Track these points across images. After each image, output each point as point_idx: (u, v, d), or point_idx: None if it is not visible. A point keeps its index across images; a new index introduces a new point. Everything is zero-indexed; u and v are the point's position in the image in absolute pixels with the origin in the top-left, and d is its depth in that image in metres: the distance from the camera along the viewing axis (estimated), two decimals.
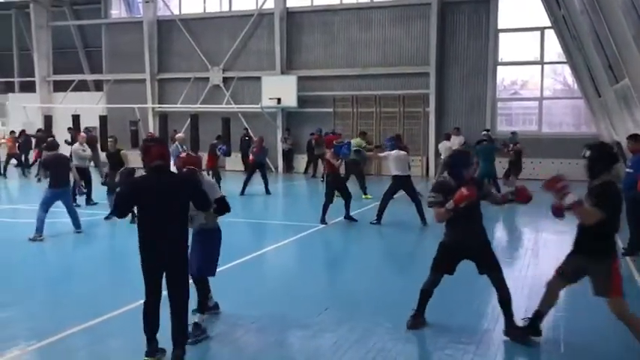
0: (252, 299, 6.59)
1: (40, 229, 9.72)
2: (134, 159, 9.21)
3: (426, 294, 5.63)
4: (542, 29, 19.95)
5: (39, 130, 22.13)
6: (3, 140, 21.18)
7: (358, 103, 21.66)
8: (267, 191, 15.69)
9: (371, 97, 21.47)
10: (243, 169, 20.03)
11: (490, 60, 20.44)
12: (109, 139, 12.52)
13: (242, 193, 15.29)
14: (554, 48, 20.05)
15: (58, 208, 10.29)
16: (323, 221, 11.26)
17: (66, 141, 21.33)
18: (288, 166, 22.59)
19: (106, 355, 5.12)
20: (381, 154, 11.90)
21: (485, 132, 17.32)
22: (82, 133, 14.48)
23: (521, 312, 5.59)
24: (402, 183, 11.22)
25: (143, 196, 4.69)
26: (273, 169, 22.61)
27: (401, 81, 21.24)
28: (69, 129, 22.11)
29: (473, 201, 5.05)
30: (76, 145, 13.17)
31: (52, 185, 9.98)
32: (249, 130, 22.13)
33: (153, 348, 4.74)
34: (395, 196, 11.49)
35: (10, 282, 7.42)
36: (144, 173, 4.93)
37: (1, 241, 10.14)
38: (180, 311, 4.74)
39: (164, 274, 4.75)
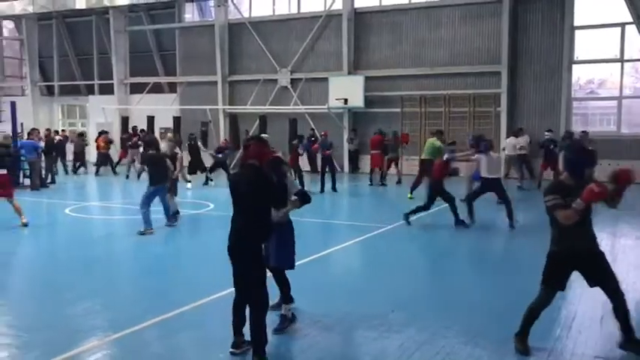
0: (319, 298, 6.64)
1: (149, 223, 10.29)
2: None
3: (534, 314, 5.06)
4: (622, 25, 19.04)
5: (142, 131, 23.08)
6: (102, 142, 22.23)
7: (427, 103, 21.38)
8: (322, 189, 16.30)
9: (440, 97, 21.15)
10: (309, 169, 20.18)
11: (565, 58, 19.70)
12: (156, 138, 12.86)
13: (334, 189, 16.27)
14: (635, 44, 19.10)
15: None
16: (407, 219, 11.27)
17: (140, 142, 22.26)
18: (354, 167, 22.58)
19: (180, 347, 5.28)
20: (473, 157, 11.46)
21: (548, 132, 16.78)
22: (169, 134, 14.92)
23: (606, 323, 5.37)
24: (494, 185, 10.96)
25: (232, 191, 4.94)
26: (339, 169, 22.67)
27: (471, 80, 20.82)
28: (132, 129, 23.04)
29: (600, 200, 4.67)
30: (163, 144, 13.51)
31: (152, 183, 10.47)
32: (316, 131, 22.26)
33: (238, 340, 4.91)
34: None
35: (94, 274, 7.82)
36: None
37: (91, 236, 10.74)
38: (259, 313, 4.78)
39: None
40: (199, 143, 19.39)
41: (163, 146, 12.38)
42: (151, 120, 24.77)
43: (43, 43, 29.76)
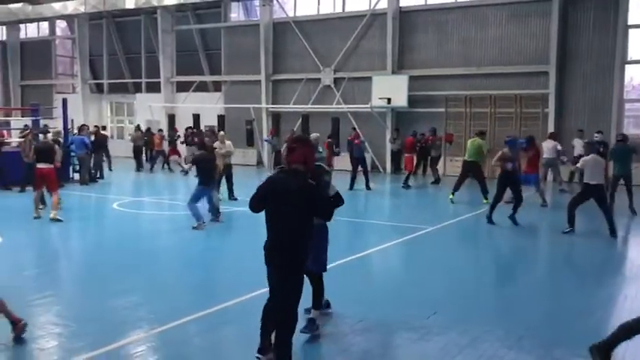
0: (358, 299, 6.62)
1: (199, 217, 10.56)
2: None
3: (630, 332, 4.64)
4: None
5: (189, 128, 23.54)
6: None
7: (472, 104, 21.07)
8: (367, 187, 16.52)
9: (485, 97, 20.80)
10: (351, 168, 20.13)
11: (617, 58, 19.08)
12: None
13: (368, 187, 16.44)
14: None
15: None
16: (490, 220, 11.21)
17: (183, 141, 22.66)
18: (396, 167, 22.43)
19: (221, 343, 5.35)
20: (578, 164, 10.62)
21: (597, 134, 16.27)
22: (221, 132, 15.14)
23: None
24: (596, 191, 10.14)
25: (270, 194, 4.55)
26: (381, 170, 22.57)
27: (518, 80, 20.39)
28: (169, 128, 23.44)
29: None
30: (216, 142, 13.60)
31: (202, 182, 10.71)
32: (358, 130, 22.19)
33: (266, 345, 4.71)
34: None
35: (140, 268, 8.01)
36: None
37: (137, 230, 11.01)
38: (288, 325, 4.49)
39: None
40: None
41: (219, 145, 12.89)
42: (196, 118, 25.18)
43: (94, 42, 30.60)
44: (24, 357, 4.89)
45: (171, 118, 26.44)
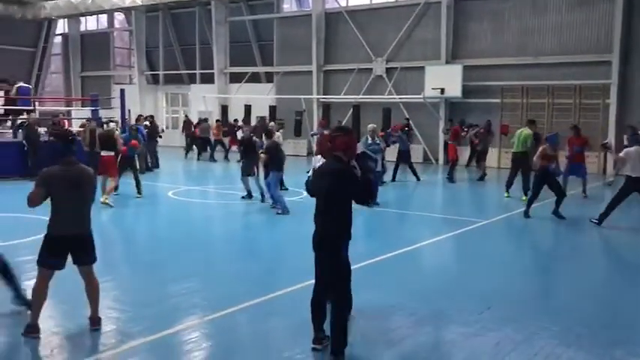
0: (410, 292, 6.54)
1: (283, 203, 11.02)
2: None
3: None
4: None
5: (242, 120, 23.92)
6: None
7: (528, 94, 20.48)
8: (417, 178, 16.39)
9: (543, 88, 20.17)
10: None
11: None
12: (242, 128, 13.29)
13: (417, 178, 16.30)
14: None
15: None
16: (526, 214, 10.98)
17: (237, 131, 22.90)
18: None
19: (272, 332, 5.39)
20: (620, 154, 10.29)
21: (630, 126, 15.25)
22: (272, 123, 15.26)
23: None
24: (639, 184, 9.79)
25: (315, 182, 4.88)
26: (434, 161, 22.26)
27: (578, 70, 19.66)
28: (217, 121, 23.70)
29: None
30: (278, 134, 13.82)
31: (276, 169, 11.24)
32: (411, 121, 21.94)
33: (320, 335, 4.79)
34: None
35: (195, 255, 8.17)
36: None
37: (192, 218, 11.27)
38: (341, 311, 4.63)
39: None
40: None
41: (278, 135, 13.10)
42: (248, 109, 25.42)
43: (150, 33, 31.29)
44: (84, 340, 5.05)
45: (224, 109, 26.78)
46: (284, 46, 26.55)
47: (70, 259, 5.09)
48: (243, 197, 12.57)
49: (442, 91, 21.31)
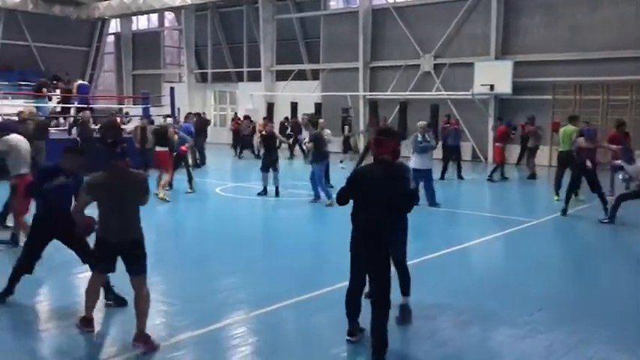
0: (457, 292, 6.43)
1: (329, 195, 11.31)
2: None
3: None
4: None
5: (285, 118, 24.19)
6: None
7: (582, 91, 19.84)
8: (460, 176, 16.23)
9: (597, 84, 19.49)
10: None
11: None
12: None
13: (460, 176, 16.14)
14: None
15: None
16: (564, 212, 10.73)
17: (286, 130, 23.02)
18: None
19: (317, 328, 5.39)
20: None
21: None
22: (321, 120, 15.26)
23: None
24: None
25: (359, 184, 4.72)
26: (482, 159, 21.85)
27: (635, 66, 18.92)
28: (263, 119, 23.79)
29: None
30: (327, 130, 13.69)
31: (319, 160, 11.74)
32: (451, 118, 21.53)
33: (354, 328, 4.88)
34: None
35: (241, 250, 8.26)
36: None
37: (239, 214, 11.45)
38: (383, 312, 4.58)
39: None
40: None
41: (328, 132, 13.30)
42: (294, 106, 25.53)
43: (199, 32, 31.78)
44: (132, 333, 5.16)
45: (271, 107, 26.98)
46: (330, 43, 26.53)
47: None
48: (259, 194, 12.69)
49: (491, 87, 20.87)
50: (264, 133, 12.85)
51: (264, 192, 12.71)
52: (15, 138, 7.56)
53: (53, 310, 5.73)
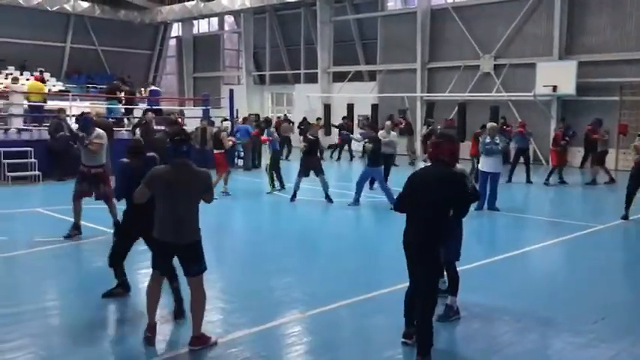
0: (516, 296, 6.28)
1: (357, 200, 11.50)
2: None
3: None
4: None
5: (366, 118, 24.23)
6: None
7: None
8: (529, 180, 15.78)
9: None
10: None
11: None
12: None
13: (528, 180, 15.74)
14: None
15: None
16: (625, 217, 10.38)
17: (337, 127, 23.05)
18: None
19: (371, 330, 5.37)
20: None
21: None
22: (388, 122, 15.20)
23: None
24: None
25: (416, 185, 4.77)
26: (544, 162, 21.22)
27: None
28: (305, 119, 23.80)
29: None
30: (381, 131, 13.58)
31: (371, 164, 11.57)
32: (506, 120, 21.02)
33: (410, 330, 4.84)
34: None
35: (298, 250, 8.37)
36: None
37: (297, 214, 11.55)
38: (427, 313, 4.60)
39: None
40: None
41: (384, 134, 13.24)
42: (350, 107, 25.53)
43: (257, 35, 32.24)
44: (189, 329, 5.27)
45: (327, 108, 27.07)
46: (388, 44, 26.39)
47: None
48: (291, 199, 12.46)
49: (554, 88, 20.24)
50: (310, 136, 12.54)
51: (281, 186, 13.43)
52: (102, 131, 8.55)
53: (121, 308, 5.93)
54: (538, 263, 8.26)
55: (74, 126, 14.88)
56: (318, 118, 24.64)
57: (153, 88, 21.92)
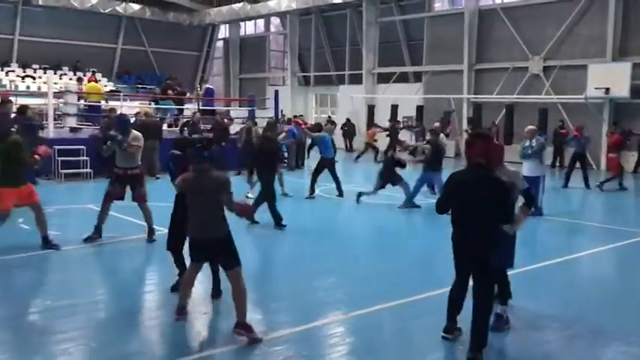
0: (566, 304, 6.11)
1: (412, 203, 11.37)
2: None
3: None
4: None
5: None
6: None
7: None
8: (587, 185, 15.09)
9: None
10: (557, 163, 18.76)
11: None
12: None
13: (587, 185, 15.04)
14: None
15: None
16: None
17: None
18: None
19: (414, 334, 5.32)
20: None
21: None
22: (436, 124, 14.95)
23: None
24: None
25: (454, 190, 4.77)
26: (594, 167, 20.62)
27: None
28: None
29: None
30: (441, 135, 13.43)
31: (431, 168, 11.45)
32: (565, 123, 20.53)
33: (451, 326, 4.89)
34: None
35: (344, 250, 8.34)
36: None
37: (344, 215, 11.61)
38: (481, 312, 4.58)
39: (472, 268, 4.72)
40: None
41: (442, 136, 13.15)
42: (394, 109, 25.38)
43: (303, 36, 32.42)
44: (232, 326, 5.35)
45: (371, 109, 26.99)
46: (434, 45, 26.14)
47: None
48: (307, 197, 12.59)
49: (607, 91, 19.65)
50: (390, 154, 12.04)
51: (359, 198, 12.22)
52: (139, 133, 8.37)
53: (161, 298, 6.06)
54: (587, 270, 8.03)
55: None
56: (377, 125, 23.80)
57: (208, 86, 22.37)
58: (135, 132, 8.30)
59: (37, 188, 8.12)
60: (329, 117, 27.30)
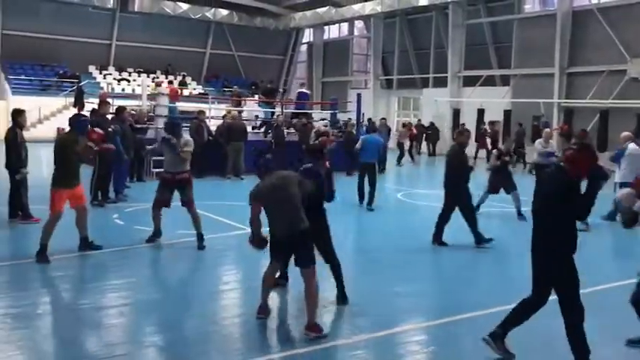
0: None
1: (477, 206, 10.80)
2: None
3: None
4: None
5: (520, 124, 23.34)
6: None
7: None
8: None
9: None
10: None
11: None
12: None
13: None
14: None
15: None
16: None
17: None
18: None
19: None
20: None
21: None
22: (547, 129, 14.49)
23: None
24: None
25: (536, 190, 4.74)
26: None
27: None
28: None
29: None
30: (538, 140, 12.80)
31: None
32: None
33: (497, 332, 4.77)
34: None
35: (425, 258, 8.21)
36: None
37: (423, 221, 11.33)
38: (568, 320, 4.42)
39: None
40: None
41: (542, 143, 12.22)
42: (480, 113, 24.72)
43: (386, 39, 32.24)
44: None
45: (456, 113, 26.43)
46: (523, 47, 25.25)
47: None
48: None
49: None
50: (502, 153, 11.24)
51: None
52: (190, 138, 8.51)
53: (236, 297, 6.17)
54: None
55: (212, 128, 15.80)
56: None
57: (302, 90, 22.70)
58: (186, 137, 8.27)
59: (128, 190, 8.33)
60: (419, 120, 27.07)
